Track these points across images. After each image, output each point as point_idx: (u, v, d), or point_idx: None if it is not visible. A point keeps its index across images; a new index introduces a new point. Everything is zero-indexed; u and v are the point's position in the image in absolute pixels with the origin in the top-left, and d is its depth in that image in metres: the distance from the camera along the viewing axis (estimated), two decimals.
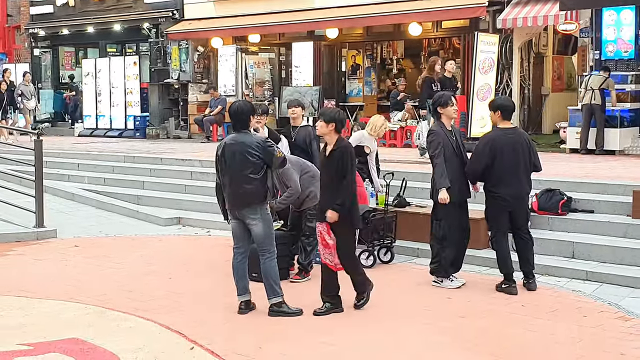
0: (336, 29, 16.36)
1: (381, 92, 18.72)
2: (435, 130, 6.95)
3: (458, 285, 6.91)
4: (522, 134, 7.00)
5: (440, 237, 6.91)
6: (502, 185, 6.75)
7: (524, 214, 6.96)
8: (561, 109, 14.31)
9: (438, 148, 6.78)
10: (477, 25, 14.21)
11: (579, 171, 10.10)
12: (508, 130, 6.84)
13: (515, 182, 6.75)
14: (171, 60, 18.58)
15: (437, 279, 6.98)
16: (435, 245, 6.98)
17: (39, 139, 9.73)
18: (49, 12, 21.37)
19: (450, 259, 6.92)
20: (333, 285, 6.14)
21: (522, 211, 6.93)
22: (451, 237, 6.89)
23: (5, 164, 12.87)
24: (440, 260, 6.92)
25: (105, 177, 13.11)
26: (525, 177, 6.84)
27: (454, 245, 6.92)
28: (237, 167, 6.01)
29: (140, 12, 19.22)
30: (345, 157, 6.10)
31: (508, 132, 6.82)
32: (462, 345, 5.42)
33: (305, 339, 5.58)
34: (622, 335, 5.60)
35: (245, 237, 6.19)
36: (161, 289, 7.01)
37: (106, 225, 10.37)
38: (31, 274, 7.61)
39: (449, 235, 6.88)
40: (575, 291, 6.87)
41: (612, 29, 13.01)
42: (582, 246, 7.71)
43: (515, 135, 6.84)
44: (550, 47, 15.70)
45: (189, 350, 5.30)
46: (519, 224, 6.90)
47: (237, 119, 6.16)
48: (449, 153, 6.82)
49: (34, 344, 5.40)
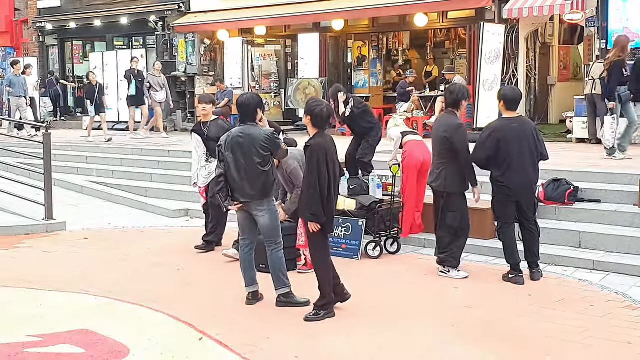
0: (342, 21, 16.34)
1: (387, 83, 18.70)
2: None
3: (465, 275, 6.94)
4: (527, 123, 6.94)
5: (457, 227, 6.96)
6: (507, 175, 6.71)
7: (530, 205, 6.89)
8: (567, 98, 14.28)
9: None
10: (483, 16, 14.17)
11: (586, 161, 10.08)
12: (512, 120, 6.79)
13: (520, 171, 6.69)
14: (178, 53, 18.60)
15: (444, 269, 7.01)
16: (447, 236, 7.00)
17: (47, 132, 9.79)
18: (56, 6, 21.42)
19: (461, 250, 7.01)
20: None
21: (529, 202, 6.87)
22: (465, 226, 6.99)
23: (15, 157, 12.96)
24: (453, 249, 6.96)
25: (114, 170, 13.18)
26: (531, 166, 6.78)
27: (466, 235, 7.03)
28: (246, 160, 6.02)
29: (147, 5, 19.24)
30: (313, 157, 5.67)
31: (512, 122, 6.76)
32: (470, 335, 5.44)
33: (312, 329, 5.61)
34: (629, 325, 5.61)
35: (252, 228, 6.23)
36: (170, 280, 7.06)
37: (115, 218, 10.43)
38: (41, 266, 7.67)
39: (464, 225, 6.98)
40: (582, 281, 6.88)
41: (619, 18, 12.95)
42: (589, 236, 7.71)
43: (519, 125, 6.76)
44: (557, 36, 15.64)
45: (198, 340, 5.35)
46: (525, 215, 6.86)
47: (245, 111, 6.17)
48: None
49: (44, 335, 5.46)
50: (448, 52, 18.64)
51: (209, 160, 8.06)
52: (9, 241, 8.79)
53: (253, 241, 6.27)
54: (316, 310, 5.79)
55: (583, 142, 12.39)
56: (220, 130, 7.68)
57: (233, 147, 6.09)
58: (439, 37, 18.51)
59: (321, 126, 5.81)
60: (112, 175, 13.01)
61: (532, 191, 6.96)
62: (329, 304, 5.82)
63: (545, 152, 6.86)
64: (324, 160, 5.67)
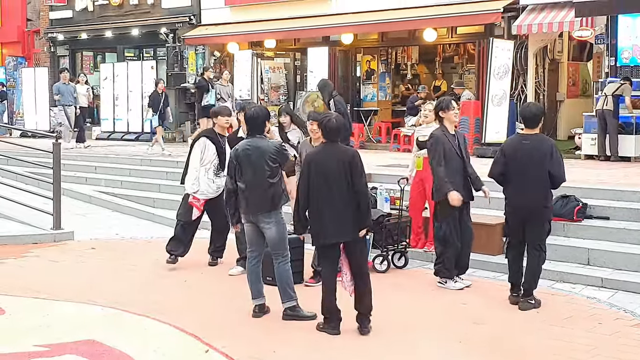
0: (351, 35, 16.39)
1: (395, 97, 18.73)
2: (436, 134, 7.02)
3: (461, 287, 6.95)
4: (542, 141, 6.46)
5: (441, 238, 6.98)
6: (510, 193, 6.54)
7: (535, 228, 6.41)
8: (576, 115, 14.25)
9: (437, 153, 6.89)
10: (492, 31, 14.19)
11: (594, 178, 10.05)
12: (524, 137, 6.56)
13: (520, 190, 6.38)
14: (188, 65, 18.70)
15: (441, 280, 7.05)
16: (438, 246, 7.09)
17: (57, 142, 9.84)
18: (68, 17, 21.58)
19: (453, 260, 6.98)
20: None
21: (533, 225, 6.41)
22: (452, 238, 6.93)
23: (24, 166, 13.01)
24: (444, 261, 6.99)
25: (122, 180, 13.22)
26: (534, 187, 6.32)
27: (455, 246, 6.95)
28: (255, 172, 6.04)
29: (157, 17, 19.36)
30: (302, 168, 5.79)
31: (524, 138, 6.52)
32: (478, 351, 5.42)
33: (318, 343, 5.59)
34: (638, 343, 5.58)
35: (259, 241, 6.22)
36: (177, 292, 7.06)
37: (122, 228, 10.45)
38: (48, 276, 7.68)
39: (450, 237, 6.93)
40: (591, 298, 6.84)
41: (628, 35, 12.95)
42: (597, 253, 7.68)
43: (531, 142, 6.40)
44: (566, 53, 15.64)
45: (204, 353, 5.34)
46: (528, 237, 6.48)
47: (254, 124, 6.19)
48: (451, 156, 6.92)
49: (50, 345, 5.46)
50: (457, 67, 18.65)
51: (219, 174, 7.70)
52: (17, 250, 8.82)
53: (260, 253, 6.27)
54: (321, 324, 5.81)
55: (592, 159, 12.36)
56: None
57: (241, 159, 6.10)
58: (448, 52, 18.51)
59: (328, 138, 5.78)
60: (120, 185, 13.06)
61: (535, 214, 6.39)
62: (330, 319, 5.77)
63: (555, 171, 6.31)
64: (307, 172, 5.75)
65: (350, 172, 5.64)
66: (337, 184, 5.65)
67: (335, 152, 5.75)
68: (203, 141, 7.71)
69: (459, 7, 14.29)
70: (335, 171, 5.67)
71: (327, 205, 5.67)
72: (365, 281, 5.76)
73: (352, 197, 5.65)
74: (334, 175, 5.66)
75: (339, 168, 5.66)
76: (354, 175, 5.64)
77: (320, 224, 5.72)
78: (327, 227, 5.68)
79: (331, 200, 5.66)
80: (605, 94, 11.97)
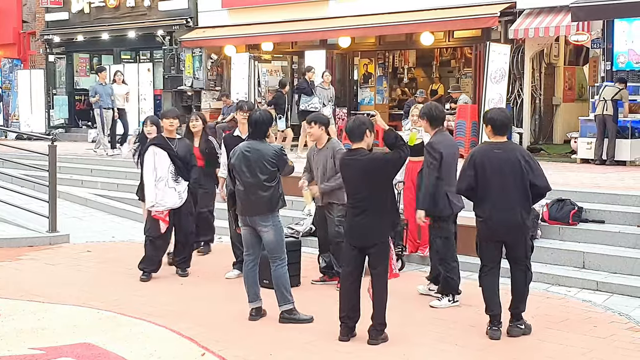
0: (349, 38, 16.42)
1: (392, 100, 18.76)
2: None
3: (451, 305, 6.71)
4: (514, 150, 5.83)
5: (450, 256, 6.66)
6: (486, 209, 5.71)
7: (520, 246, 5.76)
8: (572, 119, 14.29)
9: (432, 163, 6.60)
10: (489, 35, 14.22)
11: (590, 181, 10.09)
12: (495, 145, 5.79)
13: (502, 206, 5.64)
14: (184, 67, 18.70)
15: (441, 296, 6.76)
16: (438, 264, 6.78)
17: (52, 144, 9.83)
18: (64, 19, 21.54)
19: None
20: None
21: (517, 242, 5.75)
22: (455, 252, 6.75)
23: (20, 169, 12.99)
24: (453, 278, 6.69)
25: (118, 183, 13.19)
26: (518, 201, 5.65)
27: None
28: (254, 175, 6.06)
29: (154, 19, 19.35)
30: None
31: (495, 147, 5.77)
32: (474, 354, 5.43)
33: (315, 346, 5.60)
34: (633, 346, 5.60)
35: (256, 244, 6.23)
36: (173, 295, 7.06)
37: (118, 231, 10.45)
38: (43, 279, 7.68)
39: (455, 252, 6.73)
40: (586, 301, 6.86)
41: (624, 40, 13.00)
42: (592, 256, 7.70)
43: (503, 151, 5.71)
44: (562, 57, 15.68)
45: (201, 356, 5.34)
46: (514, 256, 5.82)
47: (257, 128, 6.20)
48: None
49: (45, 349, 5.46)
50: (454, 70, 18.70)
51: (178, 180, 7.47)
52: (12, 253, 8.81)
53: (257, 257, 6.28)
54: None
55: (587, 163, 12.39)
56: (188, 152, 7.60)
57: (240, 161, 6.11)
58: (445, 56, 18.57)
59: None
60: (116, 188, 13.03)
61: (520, 231, 5.74)
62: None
63: (540, 182, 5.70)
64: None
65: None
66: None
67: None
68: (152, 150, 7.46)
69: (456, 11, 14.32)
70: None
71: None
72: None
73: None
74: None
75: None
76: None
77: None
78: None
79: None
80: (605, 99, 11.99)
